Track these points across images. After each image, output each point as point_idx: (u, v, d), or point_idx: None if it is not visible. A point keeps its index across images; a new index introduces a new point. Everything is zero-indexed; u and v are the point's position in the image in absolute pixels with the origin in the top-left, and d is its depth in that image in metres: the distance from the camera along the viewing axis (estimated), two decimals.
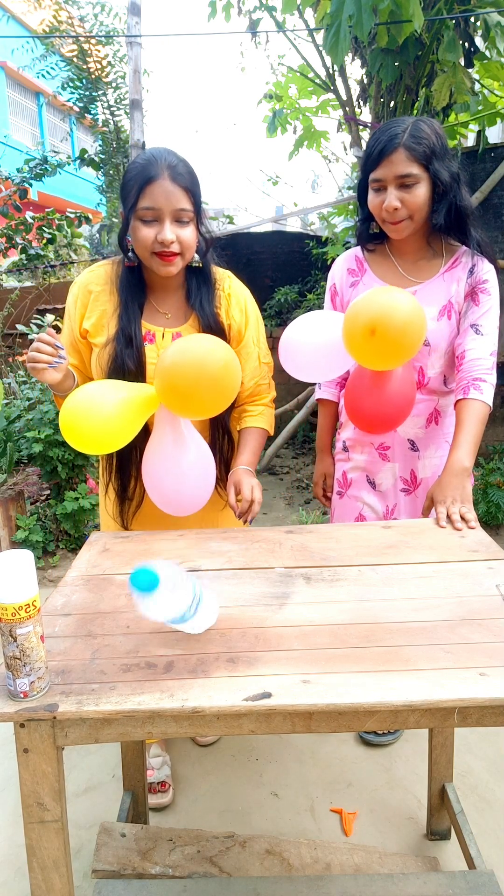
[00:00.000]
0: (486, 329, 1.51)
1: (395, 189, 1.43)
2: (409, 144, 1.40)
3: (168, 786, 1.68)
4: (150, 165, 1.29)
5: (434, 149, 1.42)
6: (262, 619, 1.02)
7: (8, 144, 11.43)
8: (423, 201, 1.44)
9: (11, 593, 0.82)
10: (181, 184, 1.30)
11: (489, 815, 1.61)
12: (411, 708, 0.83)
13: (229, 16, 3.49)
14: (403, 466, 1.66)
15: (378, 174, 1.45)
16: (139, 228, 1.32)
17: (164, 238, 1.30)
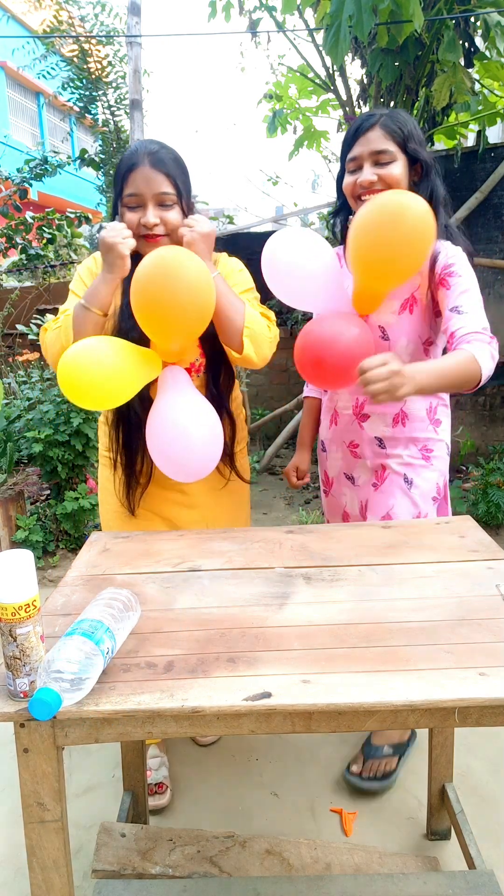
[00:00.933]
0: (466, 307, 1.36)
1: (370, 166, 1.41)
2: (386, 123, 1.40)
3: (165, 787, 1.68)
4: (133, 155, 1.37)
5: (412, 133, 1.41)
6: (262, 619, 1.02)
7: (8, 144, 11.43)
8: (400, 178, 1.41)
9: (11, 593, 0.82)
10: (161, 169, 1.36)
11: (489, 815, 1.61)
12: (411, 708, 0.83)
13: (229, 16, 3.49)
14: (374, 462, 1.63)
15: (354, 152, 1.43)
16: (125, 214, 1.39)
17: (147, 221, 1.36)
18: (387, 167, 1.41)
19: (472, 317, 1.35)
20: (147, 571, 1.21)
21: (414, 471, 1.59)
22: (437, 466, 1.60)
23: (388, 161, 1.40)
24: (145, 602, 1.09)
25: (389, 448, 1.60)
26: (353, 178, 1.44)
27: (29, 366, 4.23)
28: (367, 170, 1.41)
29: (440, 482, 1.62)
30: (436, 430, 1.59)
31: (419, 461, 1.59)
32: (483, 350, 1.28)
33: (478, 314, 1.36)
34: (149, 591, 1.14)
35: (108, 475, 1.60)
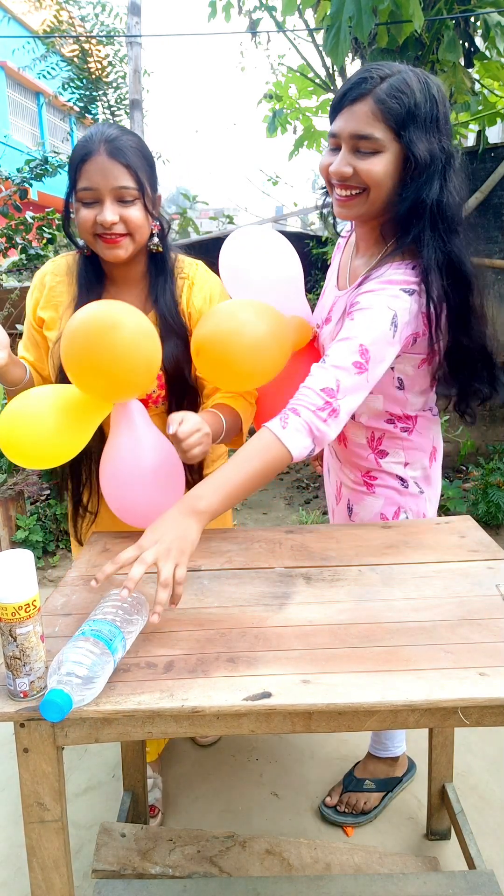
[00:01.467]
0: (332, 359, 1.09)
1: (347, 152, 1.08)
2: (380, 96, 1.03)
3: (157, 811, 1.61)
4: (87, 142, 1.18)
5: (415, 111, 1.03)
6: (262, 619, 1.02)
7: (8, 144, 11.42)
8: (384, 174, 1.07)
9: (11, 593, 0.82)
10: (120, 160, 1.16)
11: (489, 815, 1.61)
12: (411, 708, 0.83)
13: (229, 16, 3.49)
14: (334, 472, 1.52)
15: (335, 126, 1.09)
16: (80, 210, 1.22)
17: (104, 219, 1.18)
18: (367, 159, 1.07)
19: (327, 372, 1.08)
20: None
21: (355, 496, 1.43)
22: (382, 494, 1.39)
23: (371, 151, 1.06)
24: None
25: (342, 463, 1.46)
26: (329, 159, 1.12)
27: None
28: (344, 157, 1.08)
29: (388, 512, 1.40)
30: (378, 461, 1.36)
31: (360, 487, 1.42)
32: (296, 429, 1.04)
33: (338, 371, 1.07)
34: (149, 591, 1.14)
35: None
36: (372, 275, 1.16)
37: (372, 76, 1.05)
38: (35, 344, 1.39)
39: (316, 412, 1.04)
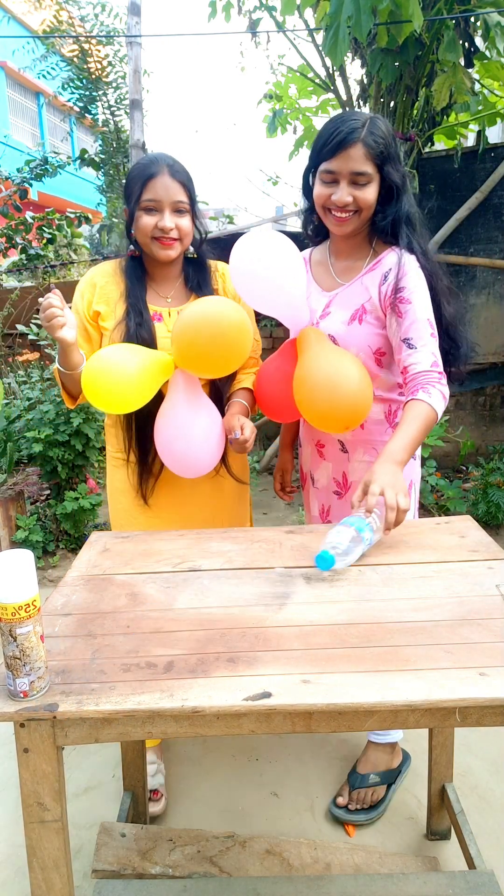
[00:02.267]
0: (418, 341, 1.39)
1: (347, 185, 1.40)
2: (367, 141, 1.37)
3: (161, 794, 1.65)
4: (152, 164, 1.48)
5: (389, 150, 1.40)
6: (262, 619, 1.02)
7: (8, 144, 11.43)
8: (373, 201, 1.43)
9: (11, 593, 0.82)
10: (178, 179, 1.48)
11: (489, 815, 1.61)
12: (411, 708, 0.83)
13: (229, 16, 3.49)
14: (336, 467, 1.63)
15: (332, 166, 1.40)
16: (142, 217, 1.48)
17: (164, 225, 1.46)
18: (363, 189, 1.41)
19: (423, 352, 1.39)
20: (147, 571, 1.21)
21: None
22: None
23: (366, 182, 1.40)
24: (145, 602, 1.09)
25: (350, 452, 1.59)
26: (328, 191, 1.43)
27: (29, 366, 4.23)
28: (344, 189, 1.41)
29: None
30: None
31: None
32: (437, 396, 1.36)
33: (428, 347, 1.40)
34: (149, 591, 1.14)
35: (119, 476, 1.64)
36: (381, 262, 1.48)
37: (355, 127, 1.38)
38: (87, 337, 1.58)
39: (440, 383, 1.38)
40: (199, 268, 1.63)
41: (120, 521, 1.67)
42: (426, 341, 1.40)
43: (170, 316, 1.56)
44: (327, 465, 1.65)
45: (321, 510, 1.70)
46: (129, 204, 1.51)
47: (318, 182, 1.45)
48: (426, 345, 1.39)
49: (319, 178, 1.44)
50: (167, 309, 1.57)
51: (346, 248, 1.55)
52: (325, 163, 1.41)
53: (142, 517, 1.63)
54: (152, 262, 1.57)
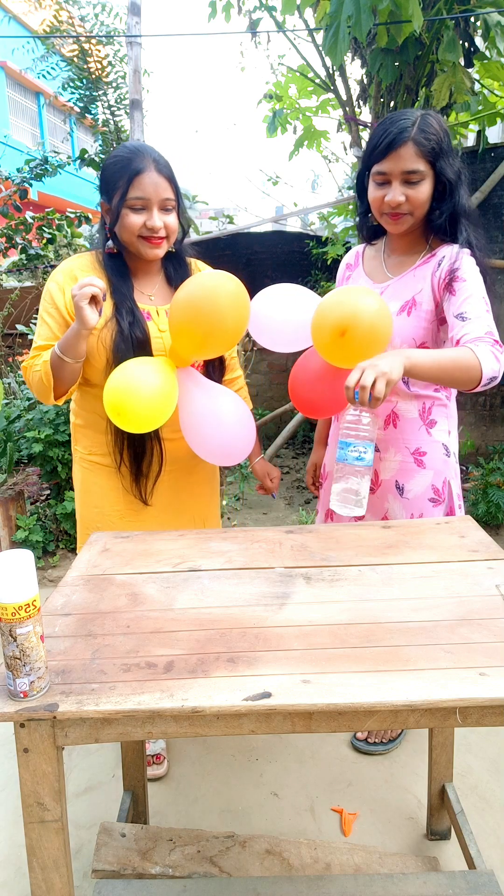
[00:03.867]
0: (471, 314, 1.37)
1: (399, 185, 1.41)
2: (418, 139, 1.37)
3: (163, 758, 1.72)
4: (136, 158, 1.40)
5: (441, 145, 1.39)
6: (262, 619, 1.02)
7: (8, 144, 11.42)
8: (426, 198, 1.42)
9: (11, 593, 0.82)
10: (165, 174, 1.42)
11: (489, 815, 1.61)
12: (411, 708, 0.83)
13: (229, 16, 3.49)
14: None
15: (384, 167, 1.41)
16: (128, 216, 1.42)
17: (154, 225, 1.41)
18: (415, 187, 1.41)
19: (477, 323, 1.36)
20: (147, 571, 1.21)
21: (406, 475, 1.59)
22: (431, 467, 1.57)
23: (418, 181, 1.40)
24: (145, 602, 1.09)
25: (382, 451, 1.60)
26: (381, 193, 1.44)
27: None
28: (397, 189, 1.41)
29: (438, 483, 1.58)
30: (429, 431, 1.56)
31: (411, 465, 1.58)
32: (485, 350, 1.29)
33: (483, 319, 1.36)
34: (149, 591, 1.14)
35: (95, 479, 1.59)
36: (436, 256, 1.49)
37: (406, 127, 1.37)
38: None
39: (494, 346, 1.32)
40: (179, 264, 1.59)
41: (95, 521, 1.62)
42: (481, 314, 1.37)
43: (158, 315, 1.52)
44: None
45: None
46: (109, 199, 1.43)
47: (371, 184, 1.46)
48: (480, 316, 1.36)
49: (372, 179, 1.45)
50: (154, 307, 1.53)
51: (402, 245, 1.56)
52: (376, 164, 1.42)
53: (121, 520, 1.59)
54: (134, 258, 1.52)
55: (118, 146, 1.55)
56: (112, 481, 1.57)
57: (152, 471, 1.56)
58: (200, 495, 1.70)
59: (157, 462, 1.55)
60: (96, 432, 1.56)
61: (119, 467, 1.55)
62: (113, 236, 1.49)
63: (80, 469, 1.64)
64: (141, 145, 1.45)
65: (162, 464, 1.56)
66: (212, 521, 1.77)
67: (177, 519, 1.64)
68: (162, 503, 1.61)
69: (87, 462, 1.61)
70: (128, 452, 1.53)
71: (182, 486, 1.63)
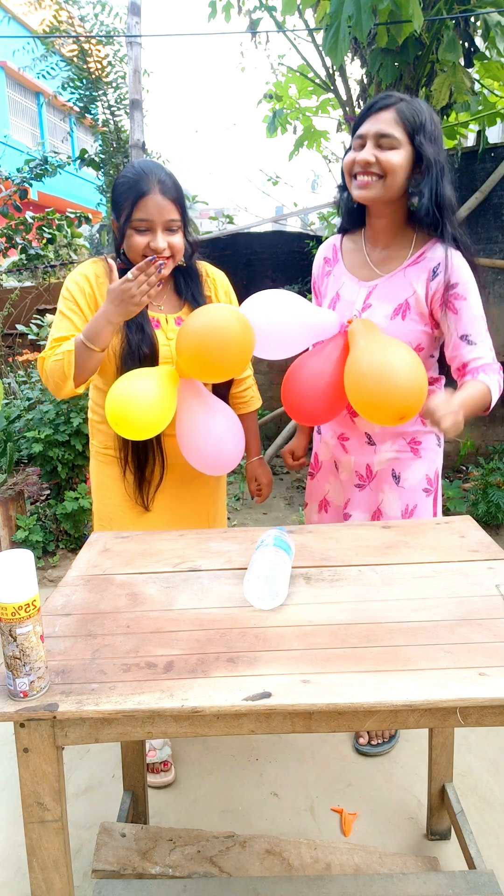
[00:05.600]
0: (476, 337, 1.44)
1: (372, 146, 1.38)
2: (400, 108, 1.36)
3: (170, 765, 1.72)
4: (142, 180, 1.41)
5: (424, 125, 1.37)
6: (262, 619, 1.02)
7: (8, 144, 11.42)
8: (399, 166, 1.37)
9: (11, 593, 0.82)
10: (170, 196, 1.43)
11: (489, 815, 1.61)
12: (411, 708, 0.83)
13: (229, 16, 3.49)
14: (359, 460, 1.64)
15: (362, 128, 1.40)
16: (133, 236, 1.44)
17: (157, 246, 1.42)
18: (388, 152, 1.37)
19: (483, 347, 1.44)
20: (147, 571, 1.21)
21: (401, 464, 1.60)
22: (426, 457, 1.61)
23: (391, 146, 1.37)
24: (145, 602, 1.09)
25: (378, 443, 1.60)
26: (354, 155, 1.41)
27: (29, 366, 4.22)
28: (369, 149, 1.38)
29: (430, 472, 1.62)
30: (423, 421, 1.56)
31: (407, 454, 1.60)
32: (495, 382, 1.43)
33: (487, 342, 1.46)
34: (149, 591, 1.14)
35: (109, 472, 1.62)
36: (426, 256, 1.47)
37: (392, 95, 1.38)
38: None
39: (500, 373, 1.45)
40: (190, 276, 1.61)
41: (108, 514, 1.66)
42: (484, 337, 1.45)
43: (167, 322, 1.55)
44: (349, 458, 1.66)
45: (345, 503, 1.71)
46: (117, 217, 1.47)
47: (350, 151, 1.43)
48: (485, 341, 1.45)
49: (352, 146, 1.43)
50: (164, 315, 1.55)
51: (384, 237, 1.51)
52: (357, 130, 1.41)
53: (133, 511, 1.63)
54: None
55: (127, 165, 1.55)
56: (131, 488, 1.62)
57: (154, 477, 1.59)
58: (206, 495, 1.72)
59: (160, 469, 1.58)
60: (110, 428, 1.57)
61: (124, 473, 1.58)
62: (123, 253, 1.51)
63: (95, 463, 1.68)
64: (148, 166, 1.45)
65: (164, 470, 1.59)
66: (219, 520, 1.80)
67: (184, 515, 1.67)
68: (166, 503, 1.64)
69: (101, 455, 1.65)
70: (132, 459, 1.57)
71: (187, 486, 1.64)
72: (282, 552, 1.13)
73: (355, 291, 1.54)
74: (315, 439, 1.80)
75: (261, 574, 1.06)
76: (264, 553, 1.12)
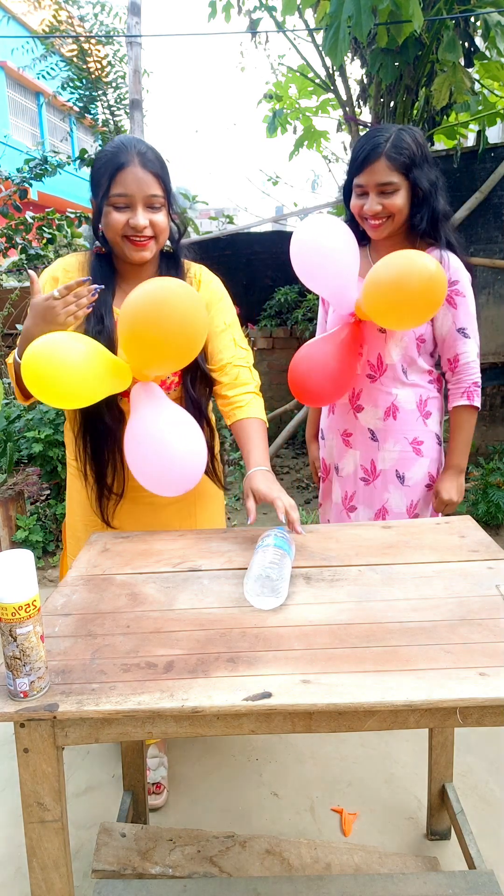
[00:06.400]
0: (471, 331, 1.61)
1: (375, 196, 1.53)
2: (390, 154, 1.48)
3: (163, 787, 1.68)
4: (120, 153, 1.30)
5: (414, 158, 1.50)
6: (262, 619, 1.02)
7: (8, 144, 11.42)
8: (403, 204, 1.54)
9: (11, 593, 0.82)
10: (151, 170, 1.30)
11: (489, 815, 1.61)
12: (411, 708, 0.83)
13: (229, 16, 3.49)
14: (364, 455, 1.74)
15: (361, 180, 1.54)
16: (111, 213, 1.31)
17: (137, 223, 1.30)
18: (390, 197, 1.52)
19: (474, 343, 1.62)
20: (147, 571, 1.21)
21: (405, 464, 1.70)
22: (428, 455, 1.71)
23: (392, 191, 1.52)
24: (145, 602, 1.09)
25: (381, 441, 1.70)
26: (361, 202, 1.56)
27: None
28: (373, 199, 1.53)
29: (432, 469, 1.72)
30: (425, 422, 1.69)
31: (409, 454, 1.70)
32: (477, 394, 1.64)
33: (476, 338, 1.64)
34: (149, 591, 1.14)
35: (77, 486, 1.53)
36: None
37: (378, 143, 1.49)
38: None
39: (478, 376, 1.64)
40: (172, 266, 1.46)
41: (78, 532, 1.58)
42: (475, 333, 1.63)
43: None
44: (354, 452, 1.76)
45: (344, 497, 1.80)
46: (95, 196, 1.34)
47: (353, 195, 1.60)
48: (475, 337, 1.63)
49: (354, 191, 1.59)
50: None
51: (388, 248, 1.61)
52: (355, 177, 1.55)
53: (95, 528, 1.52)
54: (122, 260, 1.40)
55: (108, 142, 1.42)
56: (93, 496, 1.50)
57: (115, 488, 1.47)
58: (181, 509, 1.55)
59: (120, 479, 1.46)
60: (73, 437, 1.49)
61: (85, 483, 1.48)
62: (102, 236, 1.39)
63: (68, 476, 1.59)
64: (128, 139, 1.33)
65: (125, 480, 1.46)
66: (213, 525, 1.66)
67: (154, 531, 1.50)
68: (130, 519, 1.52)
69: (71, 467, 1.55)
70: (90, 468, 1.46)
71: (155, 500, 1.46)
72: (282, 552, 1.13)
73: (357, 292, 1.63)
74: (321, 445, 1.90)
75: (261, 574, 1.06)
76: (264, 553, 1.12)
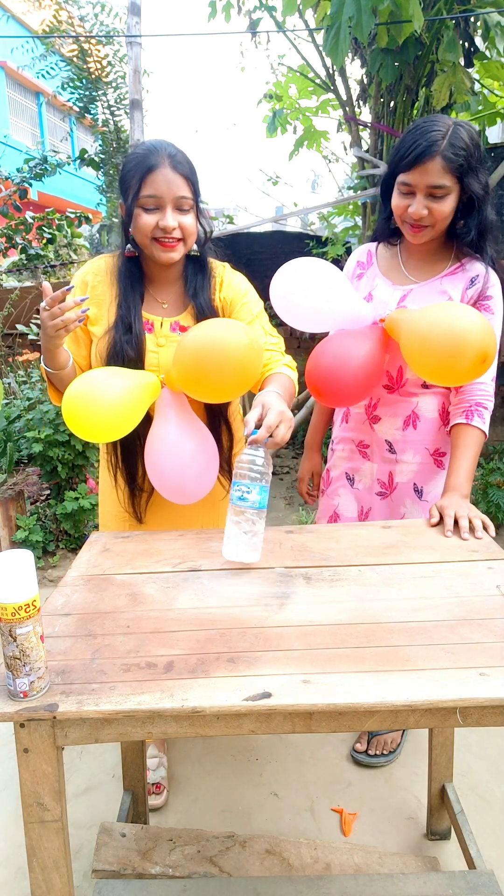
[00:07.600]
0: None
1: (423, 198, 1.38)
2: (447, 154, 1.34)
3: (162, 787, 1.68)
4: (151, 155, 1.32)
5: (470, 160, 1.36)
6: (262, 619, 1.02)
7: (8, 144, 11.43)
8: (449, 213, 1.40)
9: (11, 593, 0.82)
10: (181, 172, 1.32)
11: (489, 815, 1.61)
12: (411, 708, 0.83)
13: (229, 16, 3.49)
14: (381, 468, 1.64)
15: (409, 178, 1.38)
16: (141, 215, 1.33)
17: (167, 224, 1.32)
18: (440, 201, 1.38)
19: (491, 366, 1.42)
20: (147, 571, 1.21)
21: (424, 477, 1.60)
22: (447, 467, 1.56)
23: (443, 195, 1.38)
24: (145, 602, 1.09)
25: (399, 453, 1.60)
26: (405, 202, 1.41)
27: (29, 366, 4.23)
28: (420, 202, 1.38)
29: None
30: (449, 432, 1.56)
31: (430, 466, 1.60)
32: (487, 418, 1.47)
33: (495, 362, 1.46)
34: (149, 591, 1.14)
35: (108, 479, 1.57)
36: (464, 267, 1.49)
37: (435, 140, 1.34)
38: (75, 339, 1.45)
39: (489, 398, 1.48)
40: (199, 270, 1.49)
41: (108, 522, 1.62)
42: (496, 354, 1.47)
43: (161, 326, 1.44)
44: (371, 465, 1.65)
45: (360, 512, 1.70)
46: (125, 199, 1.36)
47: (395, 192, 1.43)
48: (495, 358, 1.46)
49: (397, 188, 1.42)
50: (160, 318, 1.44)
51: (423, 251, 1.53)
52: (402, 174, 1.39)
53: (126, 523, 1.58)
54: (151, 263, 1.43)
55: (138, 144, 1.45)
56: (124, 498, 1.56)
57: (146, 486, 1.51)
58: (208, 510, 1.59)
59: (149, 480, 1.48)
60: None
61: (115, 481, 1.52)
62: (132, 241, 1.41)
63: (102, 468, 1.62)
64: (159, 142, 1.35)
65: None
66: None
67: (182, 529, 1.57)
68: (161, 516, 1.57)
69: (104, 461, 1.59)
70: (122, 467, 1.50)
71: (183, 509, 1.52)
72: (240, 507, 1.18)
73: (389, 293, 1.54)
74: (329, 455, 1.79)
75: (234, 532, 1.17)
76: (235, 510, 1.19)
